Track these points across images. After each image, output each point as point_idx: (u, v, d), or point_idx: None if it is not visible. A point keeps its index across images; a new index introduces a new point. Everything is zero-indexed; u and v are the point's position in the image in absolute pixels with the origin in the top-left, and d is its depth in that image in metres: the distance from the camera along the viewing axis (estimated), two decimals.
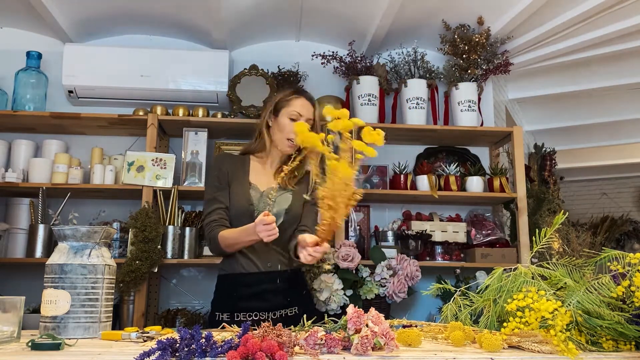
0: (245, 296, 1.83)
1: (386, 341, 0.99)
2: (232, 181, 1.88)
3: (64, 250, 1.29)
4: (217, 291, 1.92)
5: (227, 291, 1.88)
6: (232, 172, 1.90)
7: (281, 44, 3.34)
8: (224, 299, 1.88)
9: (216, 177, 1.89)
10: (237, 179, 1.89)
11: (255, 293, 1.83)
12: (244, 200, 1.85)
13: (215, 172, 1.90)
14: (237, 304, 1.83)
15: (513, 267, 1.22)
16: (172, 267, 2.96)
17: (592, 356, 1.01)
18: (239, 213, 1.84)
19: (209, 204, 1.87)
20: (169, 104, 2.98)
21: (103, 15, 2.98)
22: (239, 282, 1.85)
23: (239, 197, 1.85)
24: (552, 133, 4.86)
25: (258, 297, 1.83)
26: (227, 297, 1.87)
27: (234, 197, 1.86)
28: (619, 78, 3.83)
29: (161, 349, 0.91)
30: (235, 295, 1.84)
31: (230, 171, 1.90)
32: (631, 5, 2.88)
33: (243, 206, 1.84)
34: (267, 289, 1.84)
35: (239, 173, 1.91)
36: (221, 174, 1.89)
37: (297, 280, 1.94)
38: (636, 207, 6.74)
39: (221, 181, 1.88)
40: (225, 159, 1.95)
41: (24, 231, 2.79)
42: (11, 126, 2.93)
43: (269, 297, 1.83)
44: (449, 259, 2.97)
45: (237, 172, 1.91)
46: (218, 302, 1.90)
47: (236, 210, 1.85)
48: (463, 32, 3.06)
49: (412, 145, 3.25)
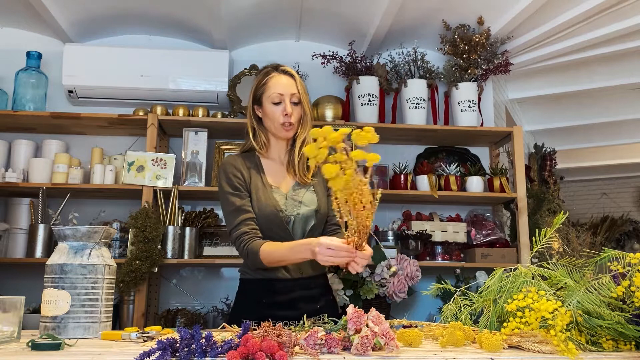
0: (277, 304, 1.70)
1: (386, 341, 0.99)
2: (251, 185, 1.73)
3: (64, 250, 1.29)
4: (242, 296, 1.79)
5: (255, 297, 1.74)
6: (249, 175, 1.74)
7: (281, 44, 3.34)
8: (251, 305, 1.74)
9: (234, 184, 1.71)
10: (255, 182, 1.73)
11: (288, 301, 1.71)
12: (272, 207, 1.69)
13: (231, 178, 1.72)
14: (267, 311, 1.64)
15: (513, 267, 1.22)
16: (172, 267, 2.96)
17: (592, 356, 1.01)
18: (267, 220, 1.69)
19: (234, 214, 1.68)
20: (169, 104, 2.98)
21: (103, 15, 2.98)
22: (269, 288, 1.71)
23: (265, 204, 1.70)
24: (552, 133, 4.86)
25: (290, 305, 1.70)
26: (255, 304, 1.73)
27: (259, 203, 1.70)
28: (619, 78, 3.84)
29: (161, 349, 0.91)
30: (265, 302, 1.71)
31: (247, 174, 1.74)
32: (631, 5, 2.89)
33: (272, 213, 1.69)
34: (299, 297, 1.72)
35: (256, 176, 1.74)
36: (239, 180, 1.72)
37: (325, 285, 1.84)
38: (636, 207, 6.74)
39: (241, 187, 1.71)
40: (237, 162, 1.76)
41: (24, 231, 2.79)
42: (11, 126, 2.93)
43: (301, 305, 1.70)
44: (449, 259, 2.97)
45: (254, 174, 1.75)
46: (245, 307, 1.75)
47: (264, 218, 1.69)
48: (463, 32, 3.06)
49: (412, 145, 3.25)
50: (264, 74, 1.77)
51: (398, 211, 3.17)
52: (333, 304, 1.86)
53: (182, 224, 2.77)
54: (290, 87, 1.73)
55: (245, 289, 1.79)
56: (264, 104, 1.75)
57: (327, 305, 1.78)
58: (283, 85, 1.73)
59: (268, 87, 1.73)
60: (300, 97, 1.74)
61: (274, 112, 1.72)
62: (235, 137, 3.05)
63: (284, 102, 1.72)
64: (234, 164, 1.75)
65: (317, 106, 3.06)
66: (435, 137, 3.15)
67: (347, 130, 1.19)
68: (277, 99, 1.72)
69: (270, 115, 1.73)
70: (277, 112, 1.72)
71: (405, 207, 3.16)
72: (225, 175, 1.73)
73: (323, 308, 1.73)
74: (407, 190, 2.95)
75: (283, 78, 1.74)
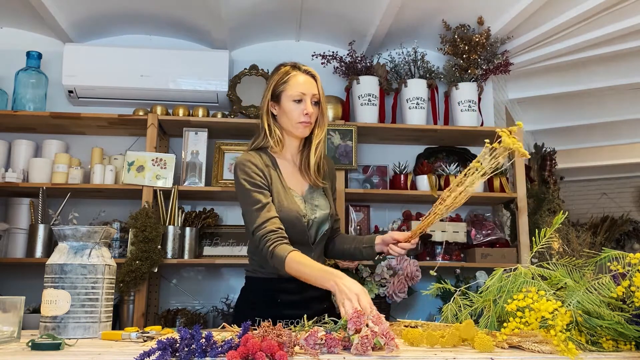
0: (290, 303, 1.70)
1: (386, 341, 0.99)
2: (272, 186, 1.70)
3: (64, 250, 1.29)
4: (251, 294, 1.78)
5: (267, 296, 1.72)
6: (269, 175, 1.71)
7: (281, 44, 3.34)
8: (262, 304, 1.72)
9: (257, 183, 1.67)
10: (276, 184, 1.71)
11: (301, 300, 1.70)
12: (294, 211, 1.68)
13: (254, 177, 1.67)
14: (282, 310, 1.68)
15: (513, 268, 1.22)
16: (172, 267, 2.96)
17: (592, 356, 1.01)
18: (290, 225, 1.66)
19: (258, 211, 1.63)
20: (169, 104, 2.98)
21: (103, 15, 2.98)
22: (283, 288, 1.70)
23: (288, 208, 1.68)
24: (552, 133, 4.87)
25: (302, 304, 1.69)
26: (265, 302, 1.72)
27: (281, 206, 1.67)
28: (619, 78, 3.84)
29: (161, 349, 0.91)
30: (280, 301, 1.71)
31: (268, 174, 1.70)
32: (631, 5, 2.89)
33: (295, 217, 1.68)
34: (311, 296, 1.70)
35: (276, 177, 1.72)
36: (261, 179, 1.68)
37: None
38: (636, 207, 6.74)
39: (263, 186, 1.67)
40: (257, 160, 1.72)
41: (24, 231, 2.79)
42: (11, 126, 2.93)
43: (313, 305, 1.70)
44: (449, 259, 2.97)
45: (274, 175, 1.72)
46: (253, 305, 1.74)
47: (287, 222, 1.66)
48: (463, 32, 3.06)
49: (412, 145, 3.25)
50: (284, 73, 1.75)
51: (398, 211, 3.17)
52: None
53: (182, 224, 2.77)
54: (312, 87, 1.73)
55: (254, 287, 1.77)
56: (282, 101, 1.73)
57: (332, 305, 1.79)
58: (305, 84, 1.72)
59: (290, 85, 1.72)
60: (319, 98, 1.75)
61: (294, 110, 1.71)
62: (235, 137, 3.05)
63: (304, 102, 1.71)
64: (253, 161, 1.71)
65: None
66: (435, 137, 3.15)
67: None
68: (299, 97, 1.71)
69: (289, 113, 1.72)
70: (298, 110, 1.71)
71: (405, 207, 3.15)
72: (244, 172, 1.69)
73: (329, 308, 1.75)
74: (407, 190, 2.95)
75: (306, 77, 1.74)
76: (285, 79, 1.73)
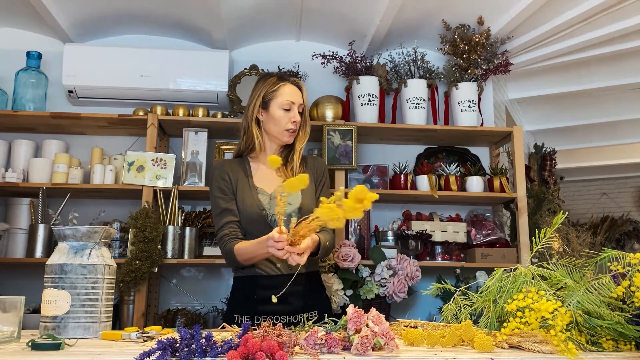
0: (267, 299, 1.72)
1: (386, 341, 0.99)
2: (237, 188, 1.83)
3: (64, 250, 1.29)
4: (235, 293, 1.87)
5: (246, 294, 1.82)
6: (236, 178, 1.85)
7: (281, 44, 3.34)
8: (242, 301, 1.82)
9: (221, 188, 1.83)
10: (242, 185, 1.84)
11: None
12: (255, 207, 1.79)
13: (219, 182, 1.84)
14: (258, 307, 1.77)
15: (513, 268, 1.22)
16: (172, 267, 2.96)
17: (592, 356, 1.01)
18: (251, 220, 1.79)
19: (219, 217, 1.81)
20: (169, 104, 2.98)
21: (103, 15, 2.98)
22: (259, 284, 1.79)
23: (249, 204, 1.80)
24: (552, 133, 4.87)
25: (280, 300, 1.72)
26: (245, 300, 1.81)
27: (243, 204, 1.80)
28: (619, 78, 3.84)
29: (161, 349, 0.91)
30: (256, 298, 1.78)
31: (234, 178, 1.85)
32: (631, 5, 2.89)
33: (255, 212, 1.78)
34: (289, 292, 1.72)
35: (243, 178, 1.86)
36: (226, 183, 1.84)
37: (317, 283, 1.90)
38: (636, 207, 6.74)
39: (227, 191, 1.83)
40: (226, 166, 1.88)
41: (24, 231, 2.79)
42: (11, 126, 2.93)
43: (291, 300, 1.76)
44: (449, 259, 2.97)
45: (241, 177, 1.86)
46: (236, 304, 1.84)
47: (248, 217, 1.79)
48: (463, 32, 3.06)
49: (412, 145, 3.25)
50: (275, 81, 1.87)
51: (398, 211, 3.17)
52: (326, 302, 1.93)
53: (182, 224, 2.77)
54: (299, 97, 1.88)
55: (237, 286, 1.88)
56: (271, 108, 1.85)
57: (319, 302, 1.86)
58: (295, 94, 1.87)
59: (280, 94, 1.85)
60: (304, 108, 1.90)
61: (282, 117, 1.84)
62: (235, 137, 3.03)
63: (292, 110, 1.86)
64: (222, 167, 1.88)
65: (317, 106, 3.06)
66: (435, 137, 3.15)
67: (376, 196, 1.15)
68: (288, 106, 1.84)
69: (277, 120, 1.84)
70: (286, 118, 1.84)
71: (405, 207, 3.16)
72: (213, 178, 1.87)
73: (314, 305, 1.82)
74: (407, 190, 2.95)
75: (295, 89, 1.88)
76: (274, 88, 1.86)
